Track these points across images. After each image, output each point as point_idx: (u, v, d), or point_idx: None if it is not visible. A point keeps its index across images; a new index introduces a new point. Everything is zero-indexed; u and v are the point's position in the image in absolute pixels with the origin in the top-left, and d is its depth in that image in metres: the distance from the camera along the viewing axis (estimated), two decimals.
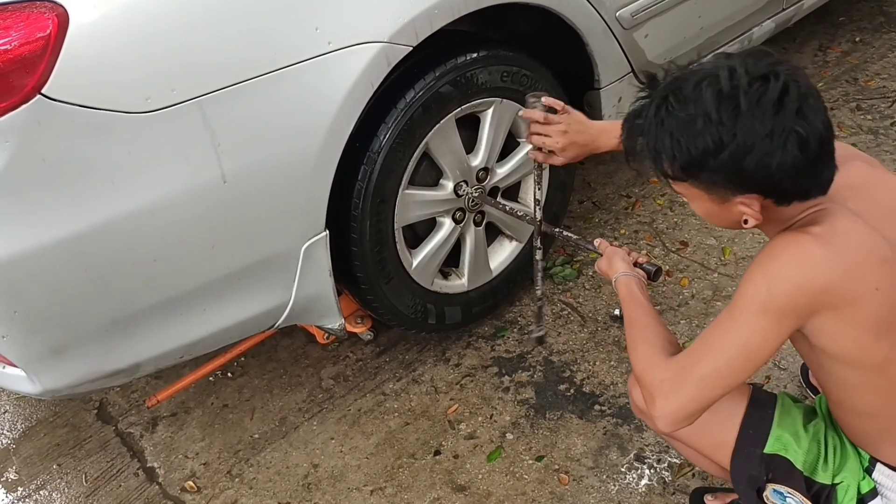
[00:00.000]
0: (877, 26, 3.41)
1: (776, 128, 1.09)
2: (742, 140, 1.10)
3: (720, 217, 1.23)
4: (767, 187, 1.14)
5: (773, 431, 1.36)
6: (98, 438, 2.16)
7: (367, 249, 1.84)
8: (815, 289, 1.12)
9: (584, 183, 2.76)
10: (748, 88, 1.10)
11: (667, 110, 1.14)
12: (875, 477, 1.33)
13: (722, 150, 1.11)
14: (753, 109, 1.09)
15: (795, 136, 1.09)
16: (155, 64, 1.40)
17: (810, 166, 1.12)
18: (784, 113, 1.09)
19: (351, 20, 1.56)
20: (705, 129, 1.11)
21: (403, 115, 1.77)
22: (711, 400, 1.22)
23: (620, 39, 2.08)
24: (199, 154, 1.48)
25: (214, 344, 1.75)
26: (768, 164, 1.10)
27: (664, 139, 1.15)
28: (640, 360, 1.30)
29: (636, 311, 1.40)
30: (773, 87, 1.09)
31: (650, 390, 1.25)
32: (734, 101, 1.10)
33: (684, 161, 1.15)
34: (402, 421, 2.05)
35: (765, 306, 1.14)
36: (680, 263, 2.37)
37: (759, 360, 1.19)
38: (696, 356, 1.22)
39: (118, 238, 1.47)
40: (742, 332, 1.17)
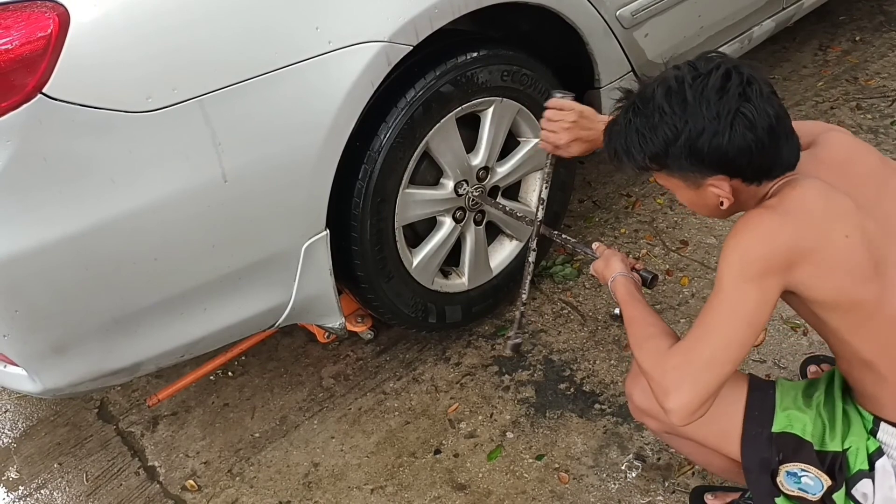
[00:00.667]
0: (877, 25, 3.41)
1: (721, 110, 1.21)
2: (693, 125, 1.23)
3: (701, 203, 1.34)
4: (727, 167, 1.25)
5: (778, 409, 1.39)
6: (99, 437, 2.16)
7: (367, 248, 1.85)
8: (781, 250, 1.22)
9: (585, 182, 2.76)
10: (692, 82, 1.24)
11: (633, 112, 1.30)
12: (879, 437, 1.34)
13: (678, 137, 1.24)
14: (699, 98, 1.23)
15: (742, 117, 1.21)
16: (156, 63, 1.40)
17: (765, 145, 1.23)
18: (727, 97, 1.22)
19: (351, 19, 1.56)
20: (661, 121, 1.25)
21: (404, 115, 1.77)
22: (723, 379, 1.24)
23: (621, 39, 2.08)
24: (199, 153, 1.48)
25: (215, 343, 1.75)
26: (719, 144, 1.22)
27: (632, 136, 1.30)
28: (646, 357, 1.32)
29: (636, 310, 1.44)
30: (714, 76, 1.23)
31: (662, 384, 1.26)
32: (681, 94, 1.24)
33: (651, 152, 1.28)
34: (403, 420, 2.05)
35: (742, 274, 1.22)
36: (680, 262, 2.37)
37: (757, 324, 1.24)
38: (697, 340, 1.26)
39: (119, 237, 1.47)
40: (732, 303, 1.23)
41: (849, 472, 1.33)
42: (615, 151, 1.34)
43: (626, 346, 2.15)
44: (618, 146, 1.33)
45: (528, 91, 1.98)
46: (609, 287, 1.55)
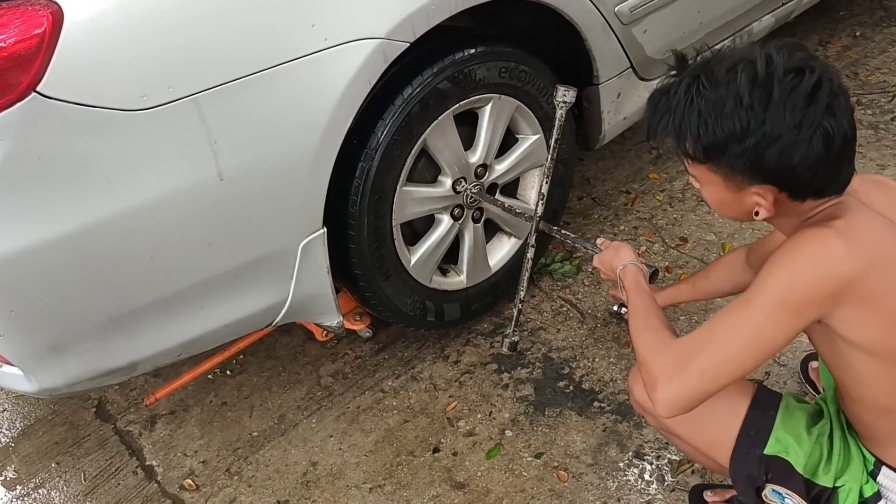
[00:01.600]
0: (877, 21, 3.40)
1: (805, 121, 1.10)
2: (770, 128, 1.10)
3: (731, 206, 1.23)
4: (785, 180, 1.15)
5: (775, 433, 1.35)
6: (97, 437, 2.15)
7: (365, 247, 1.84)
8: (838, 281, 1.12)
9: (584, 179, 2.76)
10: (783, 78, 1.10)
11: (697, 90, 1.14)
12: (879, 480, 1.32)
13: (748, 136, 1.11)
14: (785, 99, 1.09)
15: (822, 132, 1.10)
16: (151, 61, 1.39)
17: (831, 164, 1.13)
18: (815, 107, 1.10)
19: (348, 17, 1.55)
20: (734, 112, 1.11)
21: (401, 112, 1.76)
22: (713, 390, 1.20)
23: (619, 35, 2.07)
24: (195, 151, 1.47)
25: (212, 342, 1.74)
26: (791, 156, 1.11)
27: (691, 118, 1.15)
28: (643, 345, 1.29)
29: (641, 300, 1.40)
30: (808, 80, 1.10)
31: (653, 374, 1.23)
32: (768, 88, 1.10)
33: (708, 142, 1.15)
34: (401, 418, 2.05)
35: (784, 299, 1.13)
36: (680, 259, 2.36)
37: (769, 351, 1.17)
38: (702, 344, 1.20)
39: (115, 236, 1.46)
40: (755, 324, 1.15)
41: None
42: (662, 128, 1.20)
43: (625, 343, 2.14)
44: (669, 125, 1.18)
45: (526, 88, 1.97)
46: (617, 275, 1.50)
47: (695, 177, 1.25)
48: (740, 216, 1.24)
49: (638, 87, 2.25)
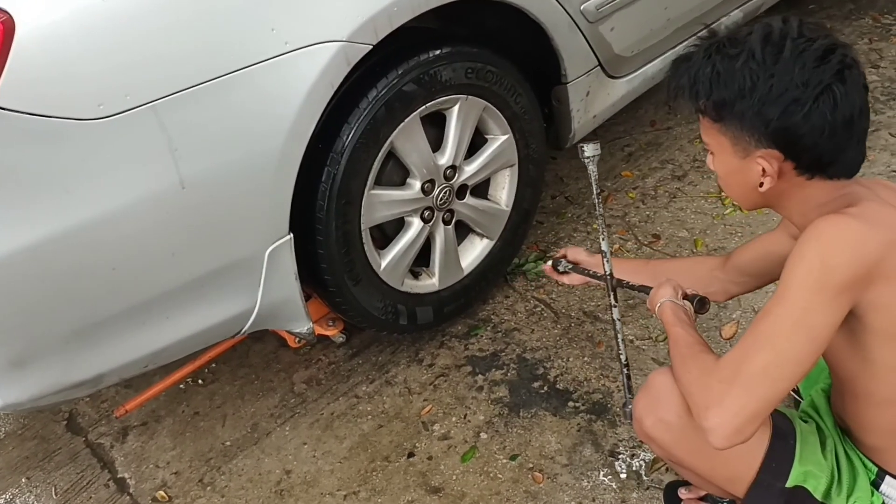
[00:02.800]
0: (846, 13, 3.42)
1: (812, 79, 1.11)
2: (776, 82, 1.12)
3: (738, 178, 1.23)
4: (788, 144, 1.15)
5: (797, 465, 1.30)
6: (68, 450, 2.12)
7: (333, 252, 1.82)
8: (868, 261, 1.11)
9: (557, 178, 2.75)
10: (796, 38, 1.13)
11: (716, 49, 1.18)
12: (883, 490, 1.31)
13: (755, 90, 1.13)
14: (796, 57, 1.12)
15: (830, 94, 1.11)
16: (107, 70, 1.37)
17: (835, 134, 1.13)
18: (824, 68, 1.11)
19: (308, 20, 1.54)
20: (745, 65, 1.14)
21: (366, 115, 1.75)
22: (775, 398, 1.13)
23: (586, 33, 2.06)
24: (155, 160, 1.45)
25: (180, 352, 1.72)
26: (793, 113, 1.12)
27: (705, 72, 1.18)
28: (688, 371, 1.23)
29: (682, 329, 1.33)
30: (820, 43, 1.12)
31: (703, 399, 1.16)
32: (779, 46, 1.13)
33: (718, 97, 1.17)
34: (376, 423, 2.03)
35: (822, 282, 1.11)
36: (653, 256, 2.36)
37: (819, 341, 1.13)
38: (749, 350, 1.14)
39: (76, 247, 1.44)
40: (799, 313, 1.11)
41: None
42: (678, 87, 1.22)
43: (599, 342, 2.14)
44: (684, 80, 1.21)
45: (493, 88, 1.96)
46: (656, 313, 1.43)
47: (708, 145, 1.26)
48: (747, 192, 1.24)
49: (607, 84, 2.25)
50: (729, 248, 2.32)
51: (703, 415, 1.15)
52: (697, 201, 2.53)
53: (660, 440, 1.36)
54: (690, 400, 1.22)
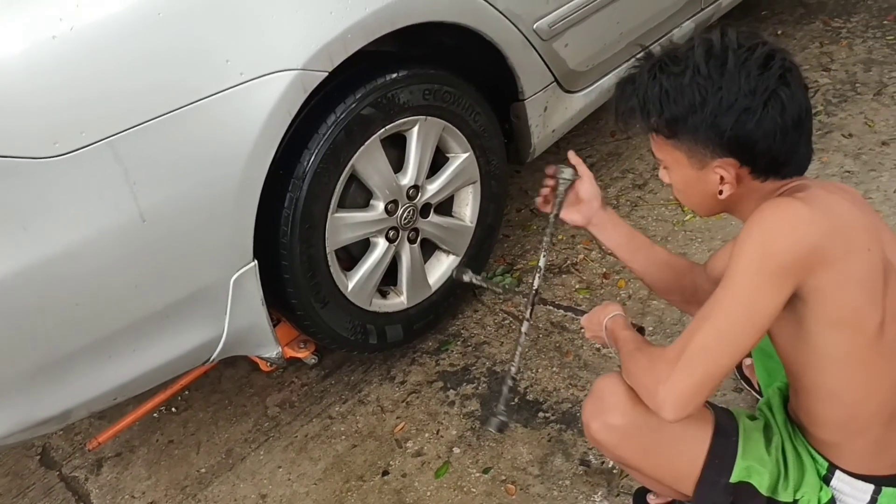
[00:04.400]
0: (797, 18, 3.50)
1: (759, 86, 1.16)
2: (726, 94, 1.16)
3: (696, 188, 1.27)
4: (744, 150, 1.19)
5: (739, 461, 1.34)
6: (42, 485, 2.11)
7: (299, 276, 1.84)
8: (809, 245, 1.14)
9: (521, 191, 2.79)
10: (737, 49, 1.18)
11: (660, 68, 1.22)
12: (833, 485, 1.34)
13: (706, 104, 1.17)
14: (740, 67, 1.16)
15: (777, 99, 1.16)
16: (60, 107, 1.38)
17: (786, 135, 1.18)
18: (768, 75, 1.16)
19: (262, 50, 1.56)
20: (692, 81, 1.18)
21: (326, 140, 1.77)
22: (717, 373, 1.18)
23: (540, 51, 2.10)
24: (114, 194, 1.46)
25: (149, 383, 1.73)
26: (746, 122, 1.17)
27: (654, 92, 1.22)
28: (636, 363, 1.29)
29: (630, 334, 1.40)
30: (760, 51, 1.17)
31: (650, 381, 1.23)
32: (723, 58, 1.17)
33: (670, 115, 1.21)
34: (350, 443, 2.04)
35: (762, 264, 1.15)
36: (616, 265, 2.40)
37: (762, 322, 1.17)
38: (693, 331, 1.20)
39: (36, 284, 1.44)
40: (742, 296, 1.16)
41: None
42: (627, 109, 1.26)
43: (567, 352, 2.17)
44: (634, 102, 1.24)
45: (451, 108, 1.99)
46: (604, 325, 1.48)
47: (661, 161, 1.30)
48: (705, 200, 1.28)
49: (564, 99, 2.29)
50: (690, 254, 2.36)
51: (652, 393, 1.22)
52: (658, 209, 2.58)
53: (606, 443, 1.39)
54: (640, 387, 1.27)
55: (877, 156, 2.62)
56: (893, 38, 3.23)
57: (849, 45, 3.24)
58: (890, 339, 1.21)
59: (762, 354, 1.61)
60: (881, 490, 1.31)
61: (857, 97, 2.92)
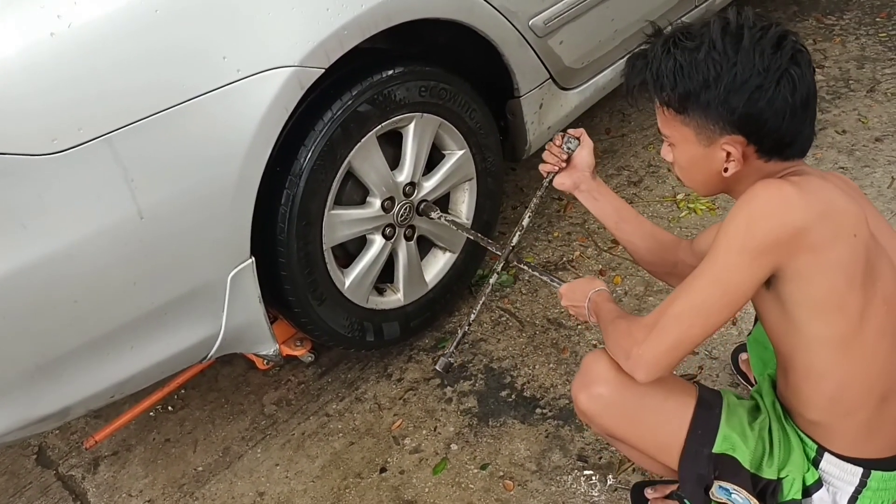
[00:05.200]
0: (790, 16, 3.52)
1: (772, 65, 1.18)
2: (740, 70, 1.18)
3: (701, 165, 1.29)
4: (753, 129, 1.21)
5: (721, 431, 1.38)
6: (39, 484, 2.11)
7: (296, 273, 1.84)
8: (794, 226, 1.16)
9: (517, 188, 2.79)
10: (752, 27, 1.20)
11: (674, 42, 1.23)
12: (822, 467, 1.35)
13: (720, 79, 1.19)
14: (754, 45, 1.18)
15: (789, 78, 1.19)
16: (59, 104, 1.38)
17: (795, 115, 1.20)
18: (781, 54, 1.19)
19: (259, 47, 1.56)
20: (707, 56, 1.19)
21: (322, 137, 1.77)
22: (687, 341, 1.24)
23: (535, 47, 2.11)
24: (112, 192, 1.46)
25: (146, 381, 1.73)
26: (758, 99, 1.19)
27: (668, 66, 1.22)
28: (614, 330, 1.35)
29: (613, 306, 1.45)
30: (773, 31, 1.20)
31: (626, 344, 1.29)
32: (738, 35, 1.19)
33: (684, 89, 1.22)
34: (347, 441, 2.05)
35: (744, 243, 1.18)
36: (612, 262, 2.41)
37: (735, 298, 1.22)
38: (672, 299, 1.25)
39: (35, 283, 1.44)
40: (719, 268, 1.21)
41: (781, 498, 1.35)
42: (639, 84, 1.27)
43: (563, 349, 2.18)
44: (647, 74, 1.25)
45: (447, 105, 2.00)
46: (589, 297, 1.52)
47: (668, 137, 1.31)
48: (709, 178, 1.30)
49: (559, 96, 2.29)
50: None
51: (627, 355, 1.29)
52: (654, 205, 2.59)
53: (592, 413, 1.44)
54: (618, 350, 1.33)
55: (870, 152, 2.64)
56: (886, 35, 3.25)
57: (842, 42, 3.26)
58: (876, 323, 1.23)
59: (757, 345, 1.62)
60: (870, 473, 1.32)
61: (850, 94, 2.94)
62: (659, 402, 1.40)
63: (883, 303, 1.23)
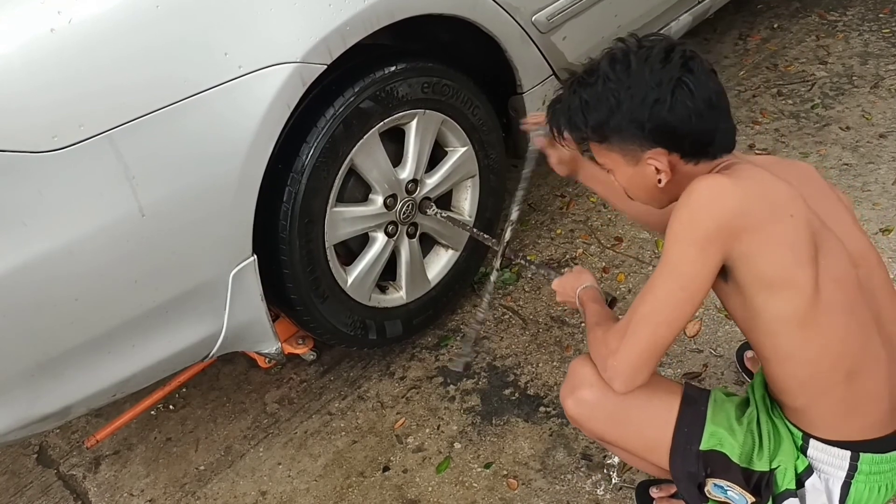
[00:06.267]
0: (793, 12, 3.50)
1: (664, 78, 1.25)
2: (635, 91, 1.26)
3: (639, 182, 1.35)
4: (667, 138, 1.28)
5: (707, 428, 1.39)
6: (39, 483, 2.10)
7: (298, 270, 1.83)
8: (732, 210, 1.22)
9: None
10: (637, 50, 1.28)
11: (578, 83, 1.33)
12: (810, 454, 1.35)
13: (621, 104, 1.26)
14: (642, 65, 1.26)
15: (683, 85, 1.25)
16: (59, 101, 1.36)
17: (703, 116, 1.26)
18: (670, 66, 1.25)
19: (261, 43, 1.54)
20: (605, 88, 1.28)
21: (325, 134, 1.76)
22: (658, 342, 1.27)
23: (538, 43, 2.09)
24: (114, 189, 1.45)
25: (148, 379, 1.71)
26: (660, 111, 1.25)
27: (576, 105, 1.32)
28: (595, 339, 1.38)
29: (598, 307, 1.49)
30: (659, 47, 1.28)
31: (605, 354, 1.32)
32: (626, 62, 1.27)
33: (595, 121, 1.30)
34: (350, 439, 2.04)
35: (691, 235, 1.23)
36: (616, 259, 2.40)
37: (694, 291, 1.25)
38: (636, 304, 1.30)
39: (36, 280, 1.43)
40: (672, 265, 1.25)
41: (776, 490, 1.35)
42: (559, 126, 1.36)
43: (567, 346, 2.17)
44: (561, 119, 1.35)
45: (450, 101, 1.99)
46: (577, 294, 1.57)
47: (604, 165, 1.39)
48: (651, 194, 1.36)
49: None
50: None
51: (604, 366, 1.33)
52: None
53: (579, 418, 1.46)
54: (597, 360, 1.36)
55: (874, 148, 2.62)
56: (889, 31, 3.24)
57: (845, 38, 3.24)
58: (826, 298, 1.26)
59: None
60: (859, 456, 1.32)
61: (854, 90, 2.92)
62: (643, 403, 1.42)
63: (832, 280, 1.26)
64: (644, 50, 1.27)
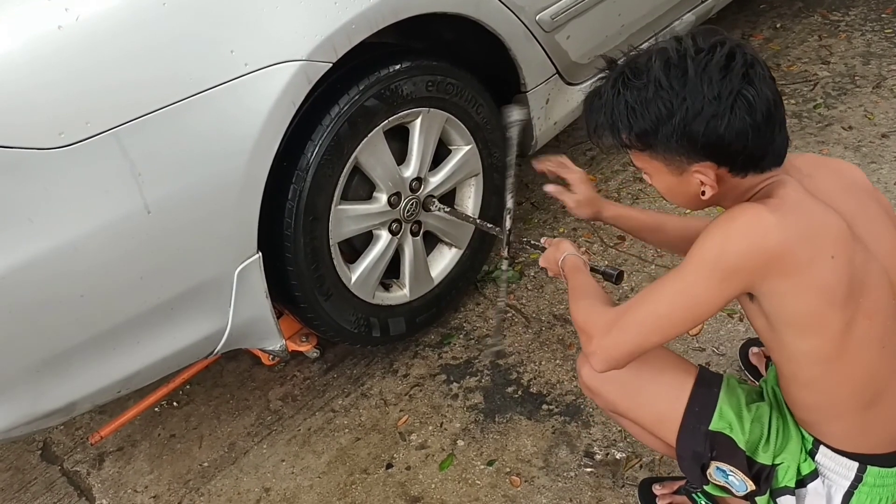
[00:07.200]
0: (796, 11, 3.51)
1: (723, 91, 1.15)
2: (691, 103, 1.16)
3: (679, 191, 1.28)
4: (719, 153, 1.19)
5: (718, 409, 1.39)
6: (43, 479, 2.10)
7: (303, 268, 1.83)
8: (767, 253, 1.16)
9: (522, 184, 2.79)
10: (695, 56, 1.17)
11: (623, 83, 1.21)
12: (818, 459, 1.35)
13: (673, 115, 1.17)
14: (701, 74, 1.15)
15: (743, 99, 1.15)
16: (66, 98, 1.37)
17: (758, 131, 1.17)
18: (730, 77, 1.15)
19: (266, 40, 1.55)
20: (656, 95, 1.17)
21: (329, 132, 1.76)
22: (646, 345, 1.27)
23: (542, 42, 2.10)
24: (119, 186, 1.45)
25: (153, 376, 1.72)
26: (716, 127, 1.16)
27: (620, 108, 1.21)
28: (581, 311, 1.36)
29: (581, 278, 1.47)
30: (720, 53, 1.16)
31: (589, 331, 1.31)
32: (682, 67, 1.16)
33: (640, 129, 1.21)
34: (353, 436, 2.04)
35: (714, 262, 1.18)
36: (619, 258, 2.40)
37: (699, 313, 1.23)
38: (637, 302, 1.27)
39: (41, 277, 1.43)
40: (686, 283, 1.21)
41: (775, 484, 1.35)
42: (597, 126, 1.26)
43: (570, 345, 2.17)
44: (601, 120, 1.25)
45: (454, 100, 1.99)
46: (559, 266, 1.57)
47: (641, 168, 1.30)
48: (691, 200, 1.29)
49: (566, 91, 2.29)
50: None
51: (588, 342, 1.31)
52: (659, 201, 2.58)
53: (594, 386, 1.48)
54: (581, 332, 1.34)
55: (877, 148, 2.63)
56: (892, 31, 3.24)
57: (847, 38, 3.25)
58: (859, 334, 1.21)
59: None
60: (866, 468, 1.32)
61: (856, 90, 2.93)
62: (658, 376, 1.43)
63: (866, 317, 1.21)
64: (703, 56, 1.16)
